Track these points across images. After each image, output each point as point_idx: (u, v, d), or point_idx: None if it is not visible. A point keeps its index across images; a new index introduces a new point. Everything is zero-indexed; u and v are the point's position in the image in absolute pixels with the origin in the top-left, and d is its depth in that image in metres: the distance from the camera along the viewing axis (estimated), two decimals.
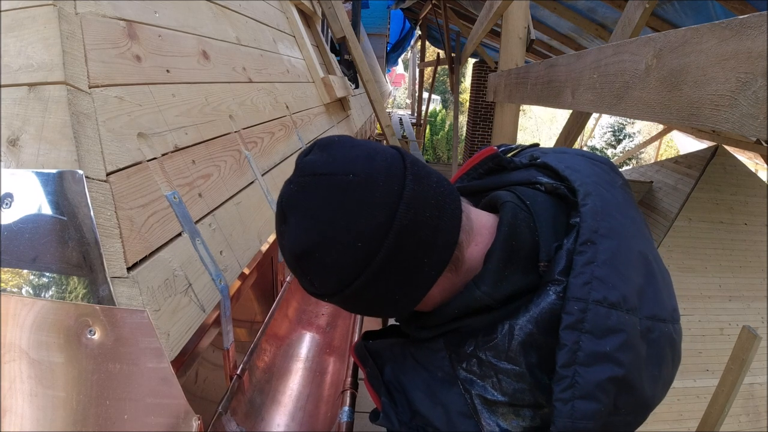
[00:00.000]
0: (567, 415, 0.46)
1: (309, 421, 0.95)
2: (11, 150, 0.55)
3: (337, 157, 0.49)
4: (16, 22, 0.59)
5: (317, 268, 0.49)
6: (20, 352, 0.52)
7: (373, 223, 0.46)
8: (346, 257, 0.47)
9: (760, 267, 3.45)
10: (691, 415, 3.04)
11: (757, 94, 0.57)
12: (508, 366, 0.50)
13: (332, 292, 0.50)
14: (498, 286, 0.51)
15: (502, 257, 0.51)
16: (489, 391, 0.51)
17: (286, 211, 0.50)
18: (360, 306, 0.54)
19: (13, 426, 0.52)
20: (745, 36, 0.59)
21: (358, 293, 0.49)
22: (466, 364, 0.52)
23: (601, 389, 0.47)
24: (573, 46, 4.38)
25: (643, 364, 0.50)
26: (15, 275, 0.54)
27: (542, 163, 0.61)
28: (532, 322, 0.49)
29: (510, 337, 0.50)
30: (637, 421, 0.52)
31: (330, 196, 0.47)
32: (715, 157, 3.48)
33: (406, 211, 0.47)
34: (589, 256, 0.49)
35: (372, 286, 0.49)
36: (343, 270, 0.48)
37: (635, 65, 0.88)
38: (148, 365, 0.53)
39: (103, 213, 0.55)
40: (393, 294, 0.51)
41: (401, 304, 0.53)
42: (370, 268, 0.47)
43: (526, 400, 0.50)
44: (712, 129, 0.65)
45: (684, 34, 0.73)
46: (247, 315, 1.06)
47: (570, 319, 0.47)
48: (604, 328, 0.47)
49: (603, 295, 0.48)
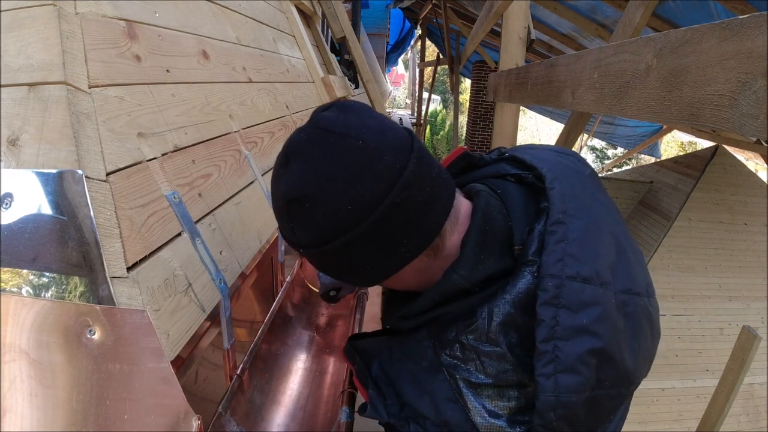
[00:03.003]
0: (551, 389, 0.47)
1: (309, 421, 0.95)
2: (11, 150, 0.55)
3: (352, 121, 0.50)
4: (16, 22, 0.59)
5: (304, 217, 0.50)
6: (20, 352, 0.52)
7: (369, 192, 0.47)
8: (333, 216, 0.48)
9: (760, 267, 3.45)
10: (691, 415, 3.04)
11: (757, 94, 0.57)
12: (489, 348, 0.51)
13: (309, 245, 0.52)
14: (474, 269, 0.53)
15: (477, 241, 0.53)
16: (473, 374, 0.51)
17: (291, 156, 0.51)
18: (329, 266, 0.56)
19: (13, 426, 0.52)
20: (745, 36, 0.59)
21: (332, 253, 0.51)
22: (449, 350, 0.53)
23: (582, 362, 0.48)
24: (573, 46, 4.38)
25: (621, 337, 0.51)
26: (15, 275, 0.54)
27: (510, 156, 0.64)
28: (510, 303, 0.51)
29: (489, 319, 0.51)
30: (621, 395, 0.53)
31: (337, 154, 0.48)
32: (715, 157, 3.48)
33: (402, 189, 0.48)
34: (560, 234, 0.51)
35: (348, 250, 0.50)
36: (326, 227, 0.49)
37: (635, 65, 0.88)
38: (148, 365, 0.53)
39: (103, 213, 0.55)
40: (365, 263, 0.52)
41: (370, 275, 0.54)
42: (352, 233, 0.48)
43: (510, 380, 0.51)
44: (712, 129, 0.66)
45: (684, 34, 0.73)
46: (247, 315, 1.06)
47: (546, 296, 0.49)
48: (580, 302, 0.49)
49: (576, 270, 0.49)
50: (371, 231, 0.48)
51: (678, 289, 3.13)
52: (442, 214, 0.53)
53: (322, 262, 0.55)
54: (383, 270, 0.54)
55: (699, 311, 3.28)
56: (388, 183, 0.48)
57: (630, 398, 0.56)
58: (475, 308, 0.53)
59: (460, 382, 0.52)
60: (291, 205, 0.50)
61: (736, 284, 3.42)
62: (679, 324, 3.14)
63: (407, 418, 0.55)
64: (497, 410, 0.51)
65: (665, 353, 3.12)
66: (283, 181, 0.51)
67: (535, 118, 14.45)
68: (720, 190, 3.47)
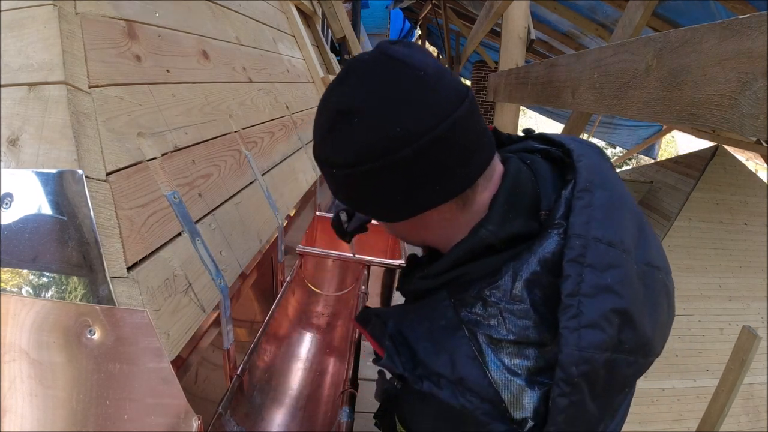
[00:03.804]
0: (574, 343, 0.48)
1: (309, 421, 0.95)
2: (11, 150, 0.55)
3: (417, 57, 0.51)
4: (16, 22, 0.59)
5: (348, 132, 0.50)
6: (20, 352, 0.52)
7: (417, 120, 0.48)
8: (378, 136, 0.49)
9: (760, 267, 3.45)
10: (691, 415, 3.04)
11: (757, 94, 0.57)
12: (513, 305, 0.51)
13: (344, 164, 0.52)
14: (502, 226, 0.54)
15: (506, 201, 0.55)
16: (494, 329, 0.51)
17: (350, 72, 0.52)
18: (355, 191, 0.55)
19: (13, 426, 0.52)
20: (745, 36, 0.59)
21: (365, 176, 0.51)
22: (471, 308, 0.53)
23: (606, 319, 0.49)
24: (573, 46, 4.38)
25: (641, 303, 0.52)
26: (15, 275, 0.54)
27: (538, 135, 0.67)
28: (536, 263, 0.51)
29: (514, 277, 0.52)
30: (639, 365, 0.53)
31: (395, 78, 0.49)
32: (715, 157, 3.48)
33: (449, 127, 0.49)
34: (586, 201, 0.53)
35: (382, 175, 0.50)
36: (368, 146, 0.49)
37: (635, 65, 0.88)
38: (148, 365, 0.53)
39: (103, 213, 0.55)
40: (394, 194, 0.52)
41: (395, 208, 0.54)
42: (390, 157, 0.49)
43: (531, 338, 0.50)
44: (712, 129, 0.66)
45: (684, 34, 0.73)
46: (247, 315, 1.06)
47: (572, 254, 0.50)
48: (604, 263, 0.50)
49: (601, 233, 0.51)
50: (410, 160, 0.49)
51: (678, 289, 3.12)
52: (479, 166, 0.54)
53: (348, 187, 0.55)
54: (410, 206, 0.54)
55: (699, 311, 3.28)
56: (438, 117, 0.49)
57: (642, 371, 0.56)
58: (499, 267, 0.53)
59: (481, 337, 0.52)
60: (339, 116, 0.51)
61: (736, 284, 3.42)
62: (679, 324, 3.14)
63: (421, 377, 0.54)
64: (516, 368, 0.50)
65: (665, 353, 3.12)
66: (337, 93, 0.52)
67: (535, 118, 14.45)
68: (720, 190, 3.47)
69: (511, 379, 0.50)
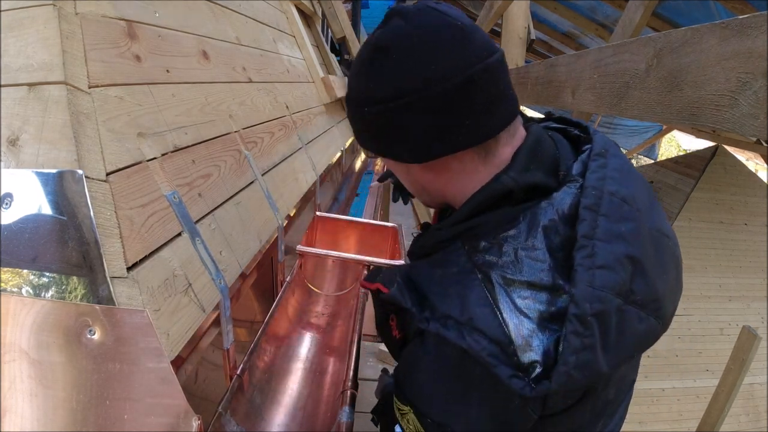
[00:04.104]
0: (588, 280, 0.48)
1: (309, 421, 0.95)
2: (11, 150, 0.55)
3: (456, 12, 0.56)
4: (16, 22, 0.59)
5: (387, 67, 0.54)
6: (20, 352, 0.52)
7: (453, 60, 0.52)
8: (415, 71, 0.52)
9: (760, 267, 3.45)
10: (691, 415, 3.04)
11: (757, 94, 0.57)
12: (528, 249, 0.52)
13: (379, 99, 0.55)
14: (523, 174, 0.56)
15: (528, 154, 0.58)
16: (508, 270, 0.52)
17: (395, 14, 0.56)
18: (383, 130, 0.58)
19: (13, 426, 0.52)
20: (745, 36, 0.59)
21: (396, 112, 0.54)
22: (485, 253, 0.54)
23: (619, 263, 0.50)
24: (573, 46, 4.38)
25: (652, 260, 0.53)
26: (15, 275, 0.54)
27: (558, 117, 0.70)
28: (554, 212, 0.53)
29: (531, 224, 0.53)
30: (650, 325, 0.53)
31: (436, 24, 0.54)
32: (715, 157, 3.47)
33: (482, 71, 0.53)
34: (601, 162, 0.56)
35: (414, 110, 0.54)
36: (405, 81, 0.53)
37: (635, 65, 0.88)
38: (148, 365, 0.53)
39: (103, 213, 0.55)
40: (421, 133, 0.55)
41: (421, 145, 0.56)
42: (424, 93, 0.52)
43: (545, 282, 0.50)
44: (712, 129, 0.66)
45: (684, 34, 0.73)
46: (247, 315, 1.06)
47: (588, 202, 0.52)
48: (618, 215, 0.53)
49: (616, 188, 0.54)
50: (440, 99, 0.52)
51: None
52: (503, 118, 0.57)
53: (377, 126, 0.57)
54: (434, 147, 0.56)
55: (699, 311, 3.28)
56: (471, 60, 0.53)
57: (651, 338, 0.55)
58: (517, 215, 0.54)
59: (494, 276, 0.51)
60: (378, 52, 0.55)
61: (736, 284, 3.41)
62: (679, 324, 3.13)
63: (427, 319, 0.54)
64: (528, 311, 0.50)
65: (665, 353, 3.12)
66: (380, 32, 0.55)
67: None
68: (720, 190, 3.47)
69: (522, 321, 0.49)
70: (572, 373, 0.47)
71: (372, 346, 2.74)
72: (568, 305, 0.48)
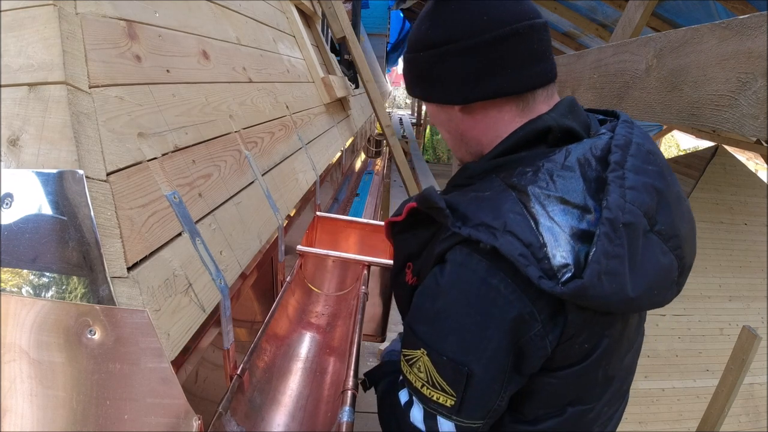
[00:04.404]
0: (620, 194, 0.53)
1: (309, 421, 0.95)
2: (11, 150, 0.55)
3: None
4: (16, 22, 0.59)
5: (447, 14, 0.62)
6: (20, 352, 0.52)
7: (503, 14, 0.60)
8: (466, 19, 0.60)
9: (760, 267, 3.45)
10: (691, 415, 3.04)
11: (757, 94, 0.58)
12: (563, 173, 0.56)
13: (437, 43, 0.62)
14: (562, 118, 0.62)
15: (566, 107, 0.64)
16: (543, 186, 0.55)
17: None
18: (435, 72, 0.64)
19: (13, 426, 0.52)
20: (745, 36, 0.59)
21: (450, 55, 0.61)
22: (521, 176, 0.57)
23: (646, 189, 0.56)
24: (573, 46, 4.38)
25: (674, 203, 0.59)
26: (15, 275, 0.54)
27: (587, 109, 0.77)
28: (588, 150, 0.58)
29: (568, 155, 0.57)
30: (671, 258, 0.58)
31: None
32: (715, 157, 3.47)
33: (527, 28, 0.60)
34: (629, 125, 0.63)
35: (462, 55, 0.61)
36: (462, 26, 0.60)
37: (635, 65, 0.88)
38: (148, 365, 0.53)
39: (103, 213, 0.55)
40: (469, 75, 0.61)
41: (465, 90, 0.63)
42: (477, 39, 0.59)
43: (578, 201, 0.54)
44: (712, 129, 0.66)
45: (684, 34, 0.73)
46: (247, 315, 1.06)
47: (619, 142, 0.58)
48: (644, 159, 0.58)
49: (642, 141, 0.60)
50: (490, 45, 0.59)
51: None
52: (543, 75, 0.63)
53: (430, 67, 0.64)
54: (479, 89, 0.62)
55: (699, 311, 3.28)
56: (519, 17, 0.60)
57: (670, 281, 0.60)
58: (554, 150, 0.59)
59: (530, 189, 0.55)
60: (441, 2, 0.63)
61: (736, 284, 3.41)
62: (679, 324, 3.14)
63: (459, 225, 0.56)
64: (561, 222, 0.53)
65: (665, 353, 3.12)
66: None
67: None
68: (720, 190, 3.47)
69: (554, 227, 0.52)
70: (603, 278, 0.50)
71: (372, 346, 2.73)
72: (600, 217, 0.52)
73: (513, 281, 0.52)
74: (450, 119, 0.68)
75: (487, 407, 0.57)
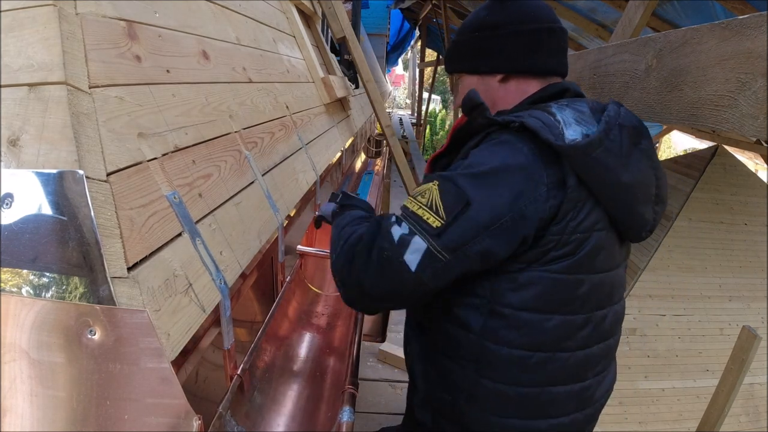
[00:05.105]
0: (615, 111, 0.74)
1: (309, 421, 0.95)
2: (11, 150, 0.55)
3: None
4: (16, 22, 0.59)
5: (499, 6, 0.84)
6: (20, 352, 0.52)
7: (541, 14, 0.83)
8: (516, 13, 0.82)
9: (760, 267, 3.44)
10: (691, 415, 3.03)
11: (757, 94, 0.57)
12: (575, 103, 0.75)
13: (497, 24, 0.83)
14: (575, 85, 0.83)
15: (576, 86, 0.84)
16: (560, 106, 0.74)
17: None
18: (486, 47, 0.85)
19: (13, 426, 0.52)
20: (745, 36, 0.59)
21: (499, 35, 0.83)
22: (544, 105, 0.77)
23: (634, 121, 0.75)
24: (573, 46, 4.37)
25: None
26: (15, 275, 0.54)
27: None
28: (592, 102, 0.78)
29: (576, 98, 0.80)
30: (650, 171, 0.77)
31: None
32: (715, 157, 3.47)
33: (559, 29, 0.84)
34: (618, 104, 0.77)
35: (511, 37, 0.82)
36: (509, 16, 0.82)
37: (635, 65, 0.88)
38: (148, 365, 0.53)
39: (104, 213, 0.55)
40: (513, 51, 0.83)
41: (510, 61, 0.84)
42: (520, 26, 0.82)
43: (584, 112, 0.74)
44: (712, 129, 0.67)
45: (684, 35, 0.73)
46: (247, 315, 1.06)
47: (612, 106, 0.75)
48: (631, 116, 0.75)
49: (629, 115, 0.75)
50: (530, 32, 0.81)
51: (678, 289, 3.12)
52: (562, 66, 0.86)
53: (485, 42, 0.85)
54: (521, 62, 0.83)
55: (699, 311, 3.27)
56: (551, 18, 0.83)
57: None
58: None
59: (552, 106, 0.74)
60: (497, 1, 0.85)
61: (736, 284, 3.41)
62: (679, 324, 3.13)
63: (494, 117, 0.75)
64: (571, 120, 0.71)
65: (665, 353, 3.12)
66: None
67: None
68: (720, 190, 3.46)
69: (569, 118, 0.71)
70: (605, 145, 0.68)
71: (372, 346, 2.73)
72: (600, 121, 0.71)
73: (534, 145, 0.68)
74: (488, 89, 0.86)
75: (463, 244, 0.67)
